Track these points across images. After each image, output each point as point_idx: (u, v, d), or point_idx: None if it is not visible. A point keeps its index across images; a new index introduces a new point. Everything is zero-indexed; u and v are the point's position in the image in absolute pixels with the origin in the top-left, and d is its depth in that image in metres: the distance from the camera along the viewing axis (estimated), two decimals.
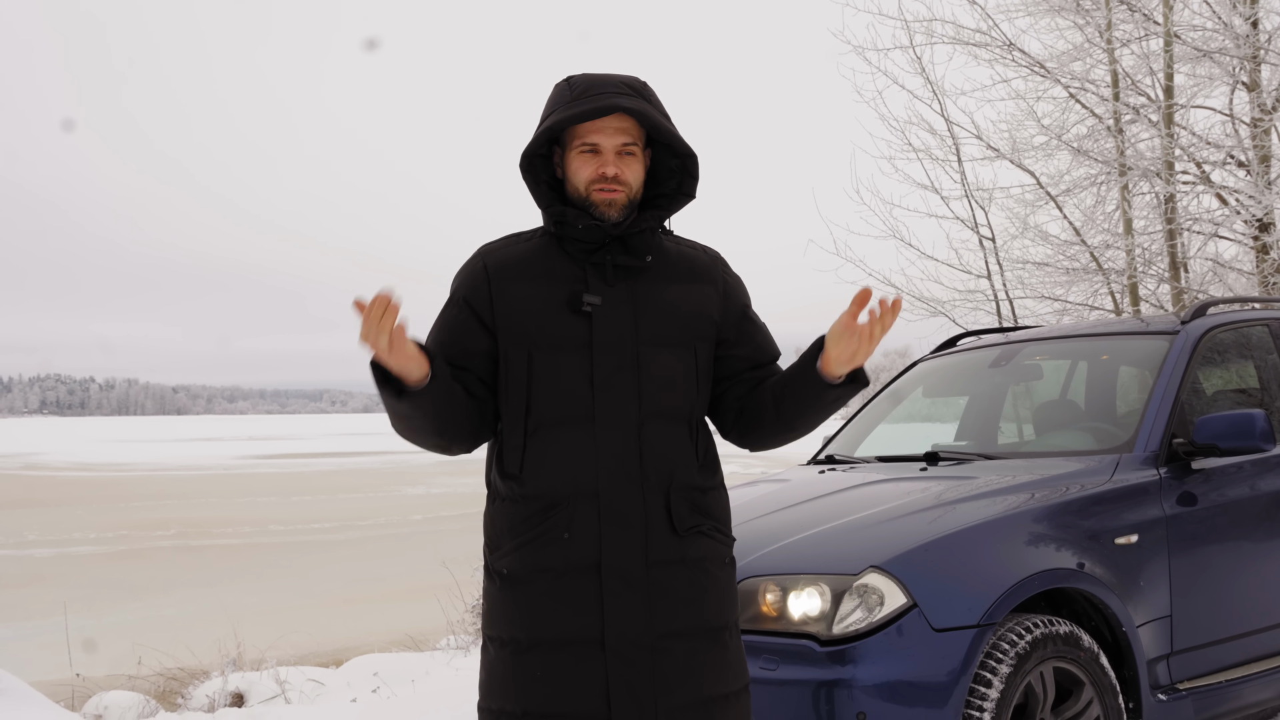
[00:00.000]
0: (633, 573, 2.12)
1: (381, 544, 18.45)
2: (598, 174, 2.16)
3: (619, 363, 2.14)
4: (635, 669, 2.10)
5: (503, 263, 2.22)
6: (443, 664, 6.37)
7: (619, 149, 2.17)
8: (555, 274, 2.19)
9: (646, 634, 2.11)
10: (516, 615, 2.15)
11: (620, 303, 2.18)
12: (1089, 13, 9.29)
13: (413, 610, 9.80)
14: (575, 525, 2.12)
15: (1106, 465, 3.90)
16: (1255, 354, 4.71)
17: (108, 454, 57.40)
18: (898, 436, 5.03)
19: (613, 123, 2.16)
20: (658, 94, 2.24)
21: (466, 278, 2.25)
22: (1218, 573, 3.96)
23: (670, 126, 2.19)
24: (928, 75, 9.50)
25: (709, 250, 2.34)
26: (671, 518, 2.14)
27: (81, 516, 23.44)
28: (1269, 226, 8.97)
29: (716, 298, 2.27)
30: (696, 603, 2.16)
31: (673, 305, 2.21)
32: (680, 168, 2.27)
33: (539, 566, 2.13)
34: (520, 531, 2.15)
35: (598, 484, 2.12)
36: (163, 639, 7.63)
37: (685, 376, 2.19)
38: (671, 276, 2.24)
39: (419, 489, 30.35)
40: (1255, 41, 8.78)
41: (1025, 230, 9.81)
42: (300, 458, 52.30)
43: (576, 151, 2.18)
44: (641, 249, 2.20)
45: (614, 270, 2.19)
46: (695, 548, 2.17)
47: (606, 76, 2.19)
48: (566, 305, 2.17)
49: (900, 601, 3.18)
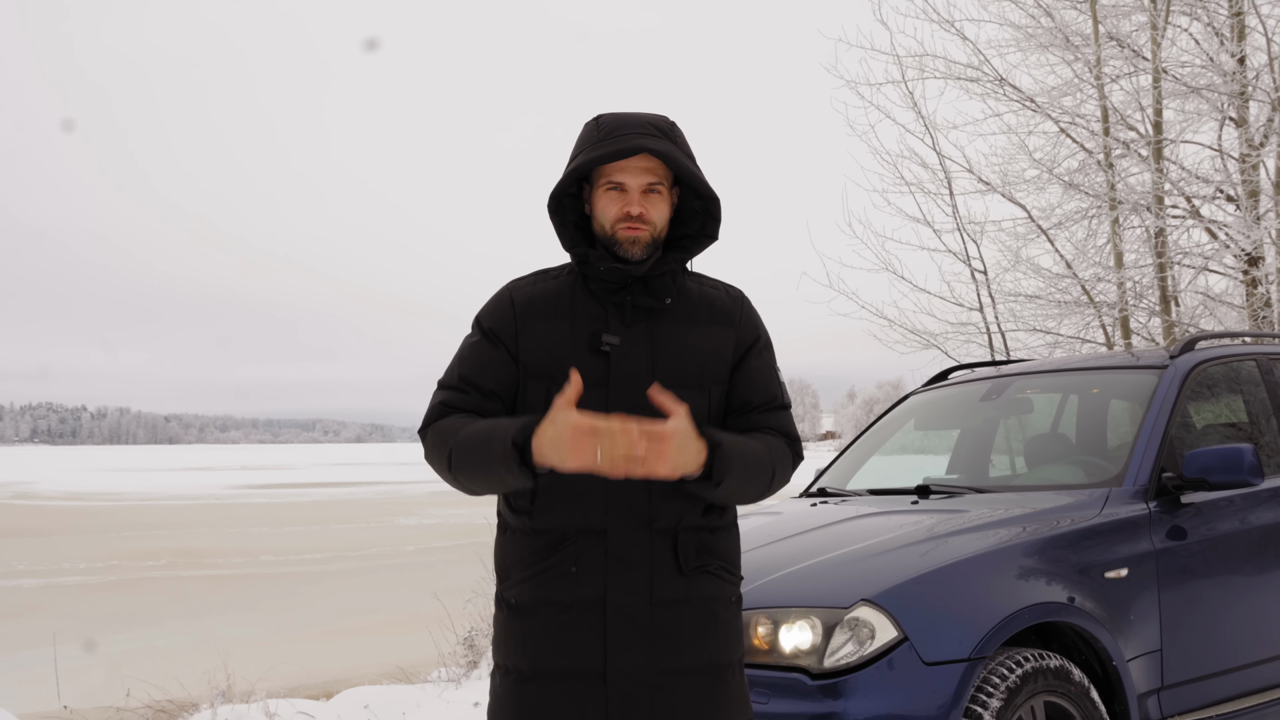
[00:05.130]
0: (637, 610, 2.13)
1: (373, 575, 18.36)
2: (623, 212, 2.20)
3: (633, 402, 2.15)
4: (635, 705, 2.11)
5: (529, 299, 2.26)
6: (434, 696, 6.34)
7: (644, 188, 2.21)
8: (578, 312, 2.23)
9: (648, 670, 2.12)
10: (521, 645, 2.18)
11: (638, 343, 2.20)
12: (1078, 49, 9.39)
13: (404, 642, 9.76)
14: (582, 561, 2.14)
15: (1096, 499, 3.92)
16: (1244, 388, 4.74)
17: (99, 483, 57.14)
18: (890, 469, 5.05)
19: (639, 163, 2.20)
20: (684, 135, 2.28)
21: (494, 310, 2.28)
22: (1207, 607, 3.96)
23: (695, 169, 2.23)
24: (920, 109, 9.58)
25: (732, 291, 2.35)
26: (678, 558, 2.16)
27: (71, 546, 23.30)
28: (1258, 261, 9.04)
29: (731, 339, 2.28)
30: (700, 641, 2.17)
31: (689, 347, 2.23)
32: (703, 209, 2.30)
33: (545, 599, 2.16)
34: (529, 563, 2.18)
35: (606, 522, 2.14)
36: (152, 670, 7.58)
37: (699, 417, 2.19)
38: (690, 318, 2.26)
39: (411, 520, 30.23)
40: (1243, 78, 8.88)
41: (1017, 263, 9.87)
42: (292, 488, 52.11)
43: (603, 190, 2.22)
44: (662, 291, 2.23)
45: (634, 311, 2.22)
46: (701, 587, 2.19)
47: (634, 116, 2.24)
48: (587, 344, 2.20)
49: (891, 635, 3.18)
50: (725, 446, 2.08)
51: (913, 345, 9.68)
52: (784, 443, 2.26)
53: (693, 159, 2.26)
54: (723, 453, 2.07)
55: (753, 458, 2.15)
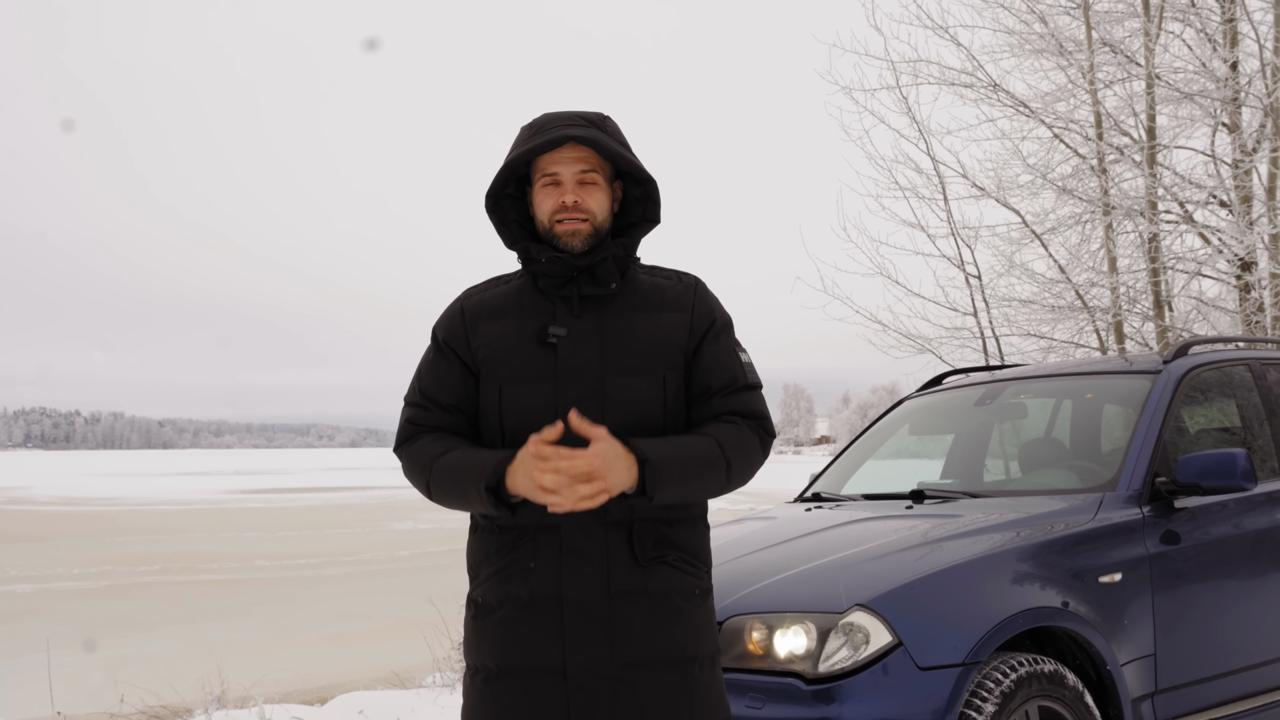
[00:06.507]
0: (594, 604, 2.14)
1: (367, 580, 18.33)
2: (558, 204, 2.22)
3: (583, 391, 2.17)
4: (596, 699, 2.12)
5: (479, 305, 2.30)
6: (428, 701, 6.34)
7: (578, 178, 2.23)
8: (526, 310, 2.25)
9: (608, 665, 2.12)
10: (487, 643, 2.20)
11: (586, 333, 2.21)
12: (1072, 55, 9.42)
13: (398, 647, 9.75)
14: (539, 556, 2.16)
15: (1090, 504, 3.93)
16: (1237, 393, 4.75)
17: (93, 488, 57.01)
18: (884, 473, 5.05)
19: (569, 153, 2.22)
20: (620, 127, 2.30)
21: (446, 323, 2.31)
22: (1201, 611, 3.97)
23: (627, 154, 2.24)
24: (914, 115, 9.60)
25: (685, 277, 2.35)
26: (634, 549, 2.16)
27: (66, 551, 23.25)
28: (1251, 266, 9.07)
29: (685, 324, 2.27)
30: (660, 634, 2.16)
31: (640, 333, 2.23)
32: (644, 195, 2.32)
33: (507, 595, 2.18)
34: (494, 561, 2.20)
35: (559, 516, 2.13)
36: (146, 675, 7.58)
37: (653, 405, 2.20)
38: (640, 305, 2.26)
39: (406, 524, 30.18)
40: (1235, 84, 8.91)
41: (1011, 268, 9.90)
42: (286, 492, 52.02)
43: (540, 185, 2.25)
44: (606, 277, 2.24)
45: (581, 301, 2.23)
46: (659, 578, 2.18)
47: (564, 113, 2.27)
48: (534, 338, 2.22)
49: (886, 640, 3.19)
50: (654, 460, 2.07)
51: (907, 350, 9.71)
52: (747, 427, 2.22)
53: (626, 146, 2.27)
54: (651, 466, 2.06)
55: (695, 459, 2.13)
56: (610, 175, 2.28)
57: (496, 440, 2.22)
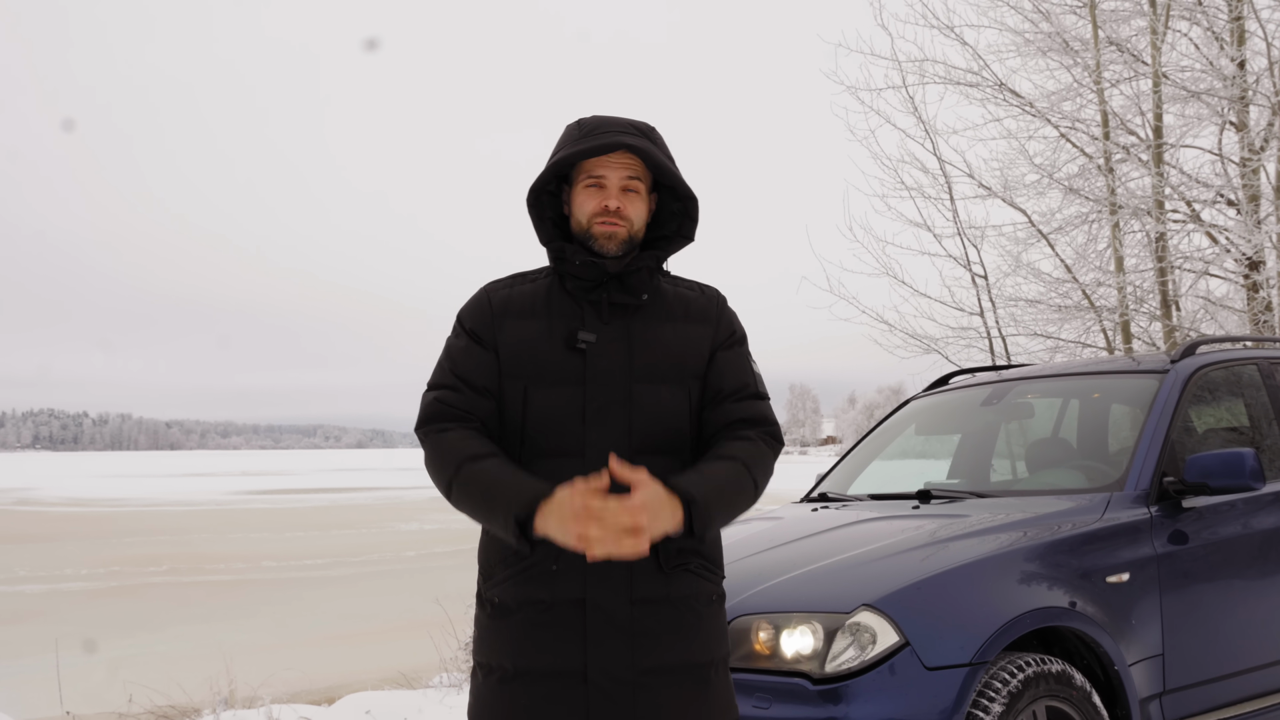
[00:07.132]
0: (616, 609, 2.14)
1: (374, 580, 18.35)
2: (600, 207, 2.23)
3: (611, 398, 2.18)
4: (616, 704, 2.12)
5: (507, 300, 2.29)
6: (435, 702, 6.34)
7: (623, 185, 2.24)
8: (554, 311, 2.25)
9: (629, 670, 2.13)
10: (503, 644, 2.19)
11: (615, 339, 2.22)
12: (1078, 54, 9.40)
13: (406, 647, 9.76)
14: (562, 559, 2.14)
15: (1098, 504, 3.92)
16: (1245, 392, 4.74)
17: (100, 489, 57.14)
18: (891, 474, 5.05)
19: (618, 159, 2.24)
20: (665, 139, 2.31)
21: (473, 311, 2.30)
22: (1209, 611, 3.96)
23: (674, 169, 2.26)
24: (920, 114, 9.59)
25: (708, 290, 2.38)
26: (658, 555, 2.16)
27: (73, 552, 23.30)
28: (1259, 265, 9.04)
29: (709, 337, 2.30)
30: (681, 640, 2.18)
31: (667, 343, 2.25)
32: (681, 211, 2.34)
33: (527, 598, 2.17)
34: (512, 562, 2.19)
35: None
36: (154, 675, 7.59)
37: (678, 413, 2.22)
38: (667, 316, 2.28)
39: (412, 525, 30.21)
40: (1243, 83, 8.89)
41: (1017, 268, 9.89)
42: (294, 493, 52.09)
43: (582, 186, 2.26)
44: (637, 287, 2.25)
45: (610, 308, 2.24)
46: (681, 585, 2.19)
47: (616, 118, 2.28)
48: (563, 342, 2.22)
49: (893, 640, 3.18)
50: (700, 500, 2.07)
51: (913, 350, 9.71)
52: (757, 434, 2.25)
53: (672, 160, 2.29)
54: (700, 507, 2.07)
55: (731, 487, 2.15)
56: (650, 186, 2.30)
57: (515, 439, 2.21)
